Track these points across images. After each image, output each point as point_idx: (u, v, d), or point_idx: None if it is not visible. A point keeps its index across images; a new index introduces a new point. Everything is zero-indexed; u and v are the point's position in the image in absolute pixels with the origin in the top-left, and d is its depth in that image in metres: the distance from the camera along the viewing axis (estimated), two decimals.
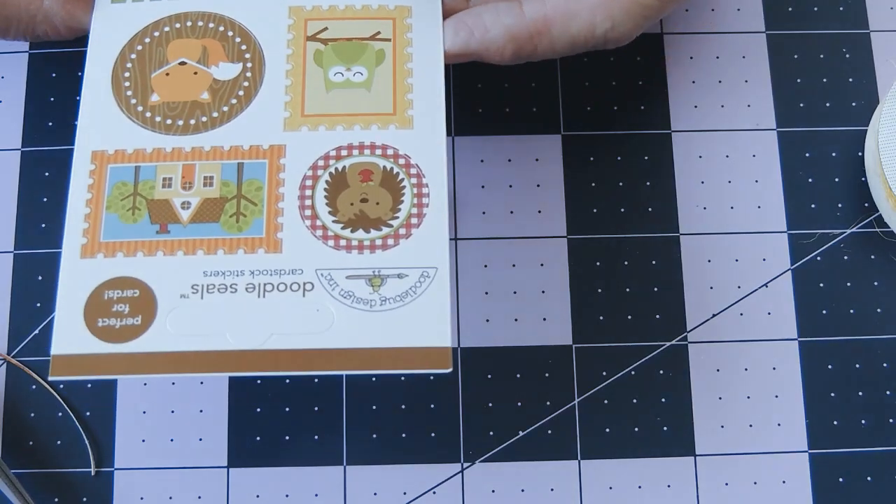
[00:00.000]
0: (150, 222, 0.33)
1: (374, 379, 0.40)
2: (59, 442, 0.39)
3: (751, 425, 0.39)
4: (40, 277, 0.40)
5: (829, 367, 0.40)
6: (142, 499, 0.39)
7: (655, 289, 0.40)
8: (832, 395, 0.40)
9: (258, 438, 0.39)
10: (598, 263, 0.41)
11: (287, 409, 0.39)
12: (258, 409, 0.39)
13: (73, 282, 0.32)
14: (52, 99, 0.42)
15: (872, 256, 0.41)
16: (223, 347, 0.31)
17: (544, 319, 0.40)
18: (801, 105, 0.42)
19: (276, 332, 0.31)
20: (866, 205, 0.41)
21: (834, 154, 0.42)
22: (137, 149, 0.34)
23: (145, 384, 0.39)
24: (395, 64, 0.35)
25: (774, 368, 0.40)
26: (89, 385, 0.39)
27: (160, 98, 0.35)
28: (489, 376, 0.40)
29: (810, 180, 0.42)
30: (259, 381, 0.40)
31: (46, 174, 0.41)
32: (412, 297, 0.32)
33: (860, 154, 0.42)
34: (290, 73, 0.35)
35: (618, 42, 0.37)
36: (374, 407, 0.39)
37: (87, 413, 0.39)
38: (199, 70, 0.35)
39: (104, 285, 0.32)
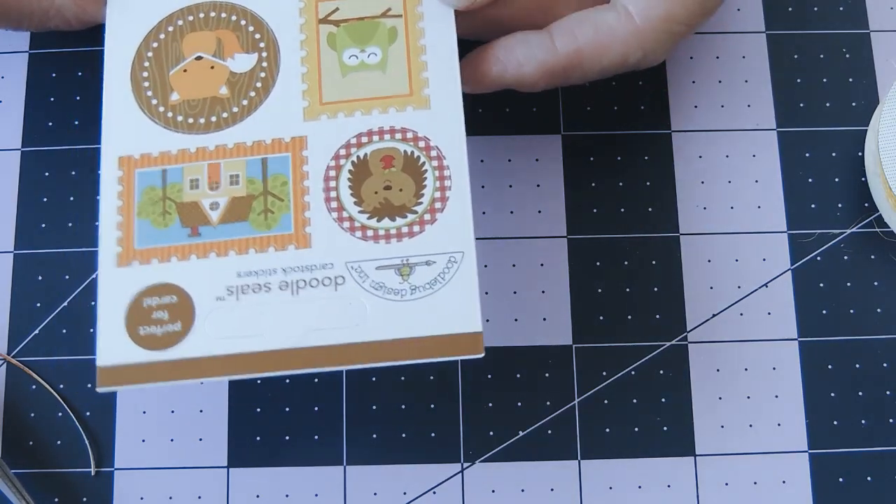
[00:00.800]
0: (182, 226, 0.33)
1: (373, 379, 0.40)
2: (59, 442, 0.39)
3: (751, 425, 0.39)
4: (40, 277, 0.40)
5: (829, 367, 0.40)
6: (142, 499, 0.39)
7: (655, 289, 0.40)
8: (832, 395, 0.40)
9: (258, 438, 0.39)
10: (598, 263, 0.41)
11: (287, 409, 0.39)
12: (258, 409, 0.39)
13: (113, 292, 0.32)
14: (52, 99, 0.42)
15: (872, 256, 0.41)
16: (262, 348, 0.32)
17: (544, 319, 0.40)
18: (801, 105, 0.42)
19: (312, 329, 0.32)
20: (866, 205, 0.41)
21: (834, 154, 0.42)
22: (163, 151, 0.34)
23: None
24: (409, 41, 0.35)
25: (774, 368, 0.40)
26: (89, 385, 0.39)
27: (180, 96, 0.35)
28: (489, 376, 0.40)
29: (810, 180, 0.42)
30: (259, 381, 0.40)
31: (46, 174, 0.41)
32: (441, 283, 0.32)
33: (860, 154, 0.42)
34: (305, 60, 0.35)
35: (647, 66, 0.37)
36: (374, 407, 0.39)
37: (87, 413, 0.39)
38: (216, 64, 0.35)
39: (143, 293, 0.32)
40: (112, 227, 0.33)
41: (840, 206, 0.41)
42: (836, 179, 0.42)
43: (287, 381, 0.40)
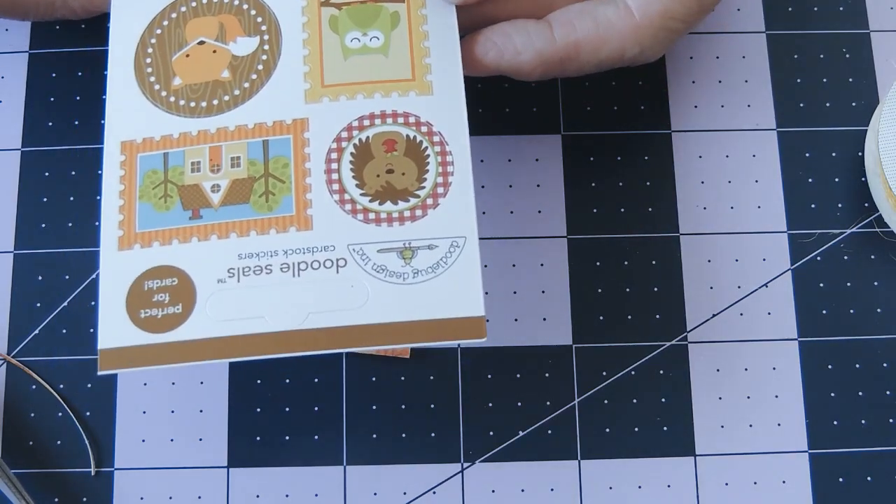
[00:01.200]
0: (183, 209, 0.33)
1: (373, 379, 0.40)
2: (59, 442, 0.39)
3: (751, 425, 0.39)
4: (40, 277, 0.40)
5: (829, 367, 0.40)
6: (142, 499, 0.39)
7: (655, 289, 0.40)
8: (832, 395, 0.40)
9: (258, 438, 0.39)
10: (598, 263, 0.41)
11: (287, 409, 0.39)
12: (258, 409, 0.39)
13: (114, 274, 0.33)
14: (52, 99, 0.42)
15: (872, 256, 0.41)
16: (263, 330, 0.32)
17: (544, 319, 0.40)
18: (801, 105, 0.42)
19: (313, 311, 0.32)
20: (866, 205, 0.41)
21: (834, 154, 0.42)
22: (164, 135, 0.34)
23: (145, 384, 0.39)
24: (411, 27, 0.35)
25: (774, 368, 0.40)
26: (89, 385, 0.39)
27: (182, 81, 0.35)
28: (489, 376, 0.40)
29: (810, 180, 0.42)
30: (259, 381, 0.40)
31: (46, 174, 0.41)
32: (443, 268, 0.32)
33: (860, 154, 0.42)
34: (307, 42, 0.35)
35: (644, 62, 0.37)
36: (374, 407, 0.39)
37: (87, 413, 0.39)
38: (218, 48, 0.35)
39: (143, 276, 0.33)
40: (114, 210, 0.33)
41: (840, 206, 0.41)
42: (836, 179, 0.42)
43: (287, 380, 0.40)
